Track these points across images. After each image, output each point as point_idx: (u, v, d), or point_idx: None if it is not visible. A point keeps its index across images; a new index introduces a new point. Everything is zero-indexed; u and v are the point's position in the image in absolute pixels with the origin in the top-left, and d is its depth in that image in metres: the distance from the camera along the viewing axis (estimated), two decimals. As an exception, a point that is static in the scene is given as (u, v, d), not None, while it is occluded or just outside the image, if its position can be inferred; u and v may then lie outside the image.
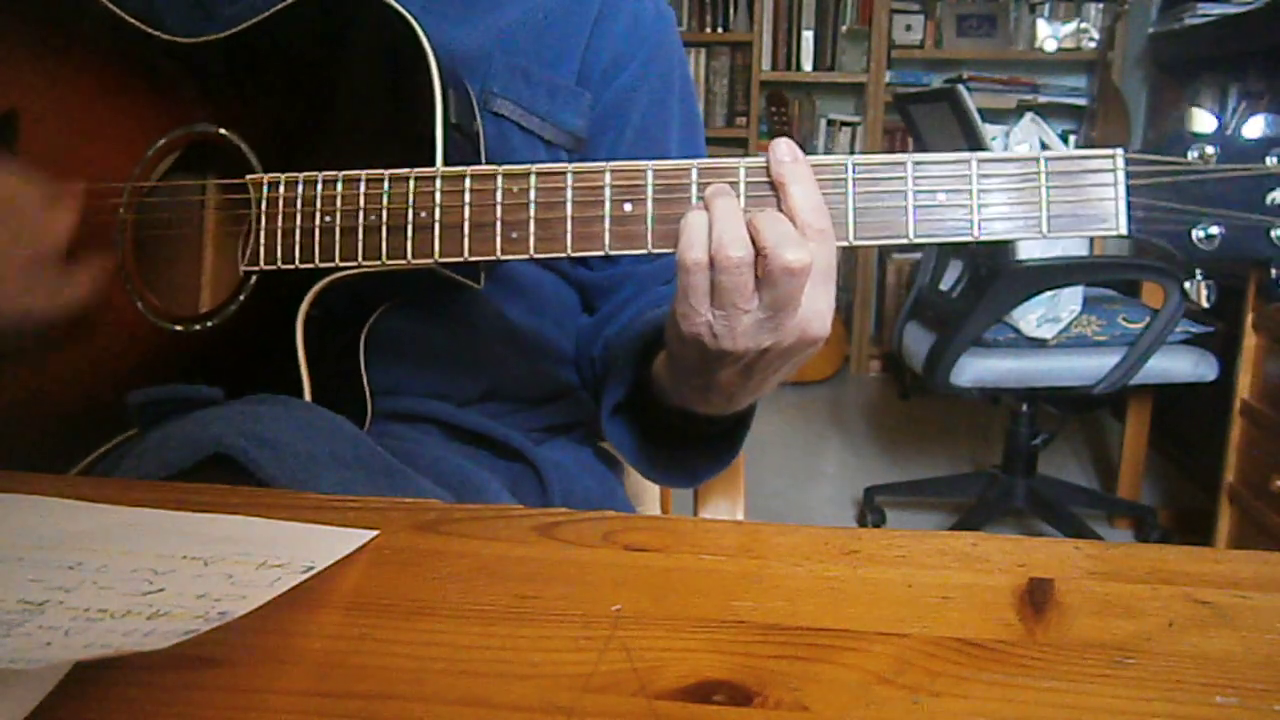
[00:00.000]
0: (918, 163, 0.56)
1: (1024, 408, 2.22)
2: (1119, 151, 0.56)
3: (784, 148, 0.56)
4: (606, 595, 0.40)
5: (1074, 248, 2.11)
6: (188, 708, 0.33)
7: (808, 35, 3.58)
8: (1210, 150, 0.55)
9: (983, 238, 0.56)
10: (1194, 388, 2.07)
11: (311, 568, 0.41)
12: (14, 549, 0.42)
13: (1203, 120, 0.56)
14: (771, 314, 0.54)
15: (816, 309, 0.55)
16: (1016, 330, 2.07)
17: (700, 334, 0.55)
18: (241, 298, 0.66)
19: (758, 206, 0.56)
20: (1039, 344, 2.06)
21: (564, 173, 0.59)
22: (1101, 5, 3.42)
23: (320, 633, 0.38)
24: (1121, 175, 0.56)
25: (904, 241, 0.57)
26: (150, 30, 0.71)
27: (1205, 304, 0.58)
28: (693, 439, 0.70)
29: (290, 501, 0.50)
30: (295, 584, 0.39)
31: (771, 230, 0.53)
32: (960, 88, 2.02)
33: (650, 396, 0.70)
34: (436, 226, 0.61)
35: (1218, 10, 2.62)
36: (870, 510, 2.43)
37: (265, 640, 0.37)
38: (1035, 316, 2.05)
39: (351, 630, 0.38)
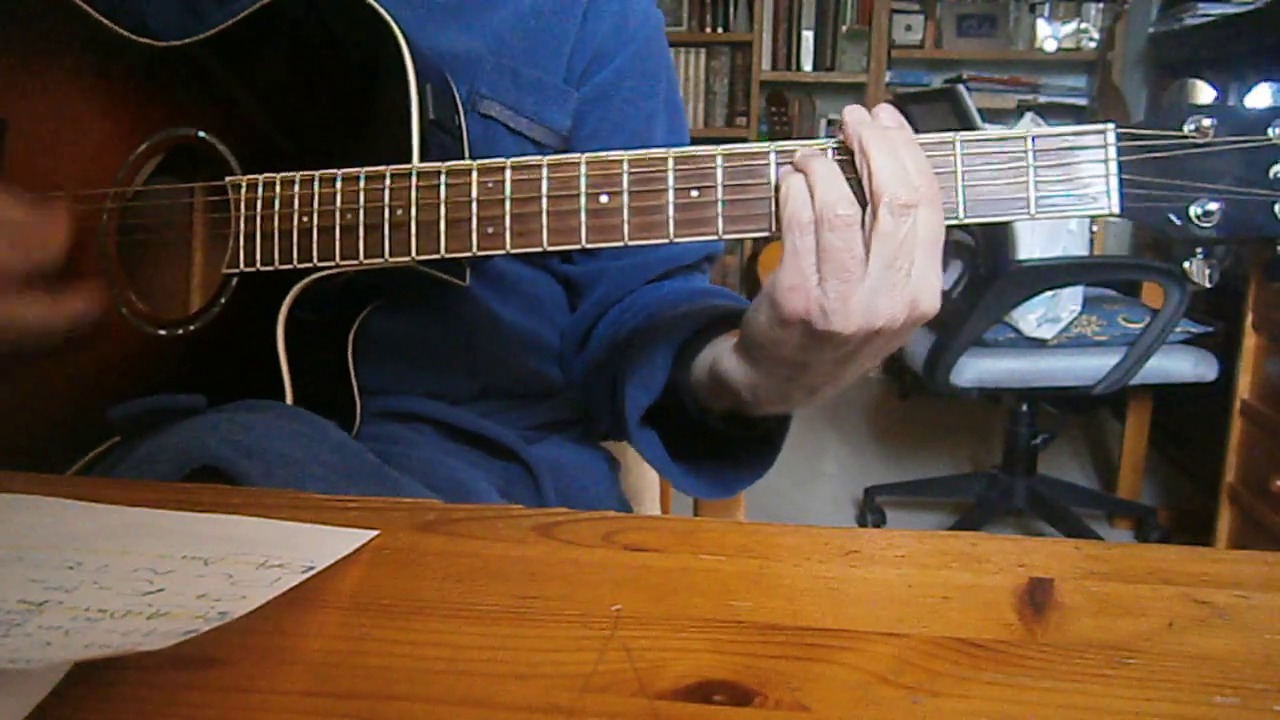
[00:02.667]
0: None
1: (1024, 408, 2.22)
2: (1110, 127, 0.53)
3: (888, 113, 0.54)
4: (606, 595, 0.40)
5: (1074, 247, 2.12)
6: (188, 708, 0.33)
7: (808, 35, 3.58)
8: (1208, 122, 0.52)
9: (968, 220, 0.54)
10: (1194, 388, 2.07)
11: (311, 568, 0.41)
12: (14, 549, 0.42)
13: (1202, 92, 0.53)
14: (884, 274, 0.52)
15: (926, 280, 0.53)
16: (1016, 330, 2.07)
17: (809, 311, 0.53)
18: (223, 300, 0.66)
19: (739, 199, 0.55)
20: (1039, 344, 2.06)
21: (539, 165, 0.58)
22: (1101, 5, 3.42)
23: (320, 633, 0.37)
24: (1113, 152, 0.53)
25: None
26: (129, 34, 0.71)
27: (1208, 284, 0.55)
28: (729, 444, 0.69)
29: (290, 501, 0.49)
30: (295, 584, 0.39)
31: (885, 167, 0.51)
32: (960, 88, 2.02)
33: (679, 401, 0.68)
34: (412, 224, 0.60)
35: (1218, 10, 2.62)
36: (870, 510, 2.43)
37: (265, 640, 0.37)
38: (1035, 316, 2.05)
39: (351, 630, 0.38)
